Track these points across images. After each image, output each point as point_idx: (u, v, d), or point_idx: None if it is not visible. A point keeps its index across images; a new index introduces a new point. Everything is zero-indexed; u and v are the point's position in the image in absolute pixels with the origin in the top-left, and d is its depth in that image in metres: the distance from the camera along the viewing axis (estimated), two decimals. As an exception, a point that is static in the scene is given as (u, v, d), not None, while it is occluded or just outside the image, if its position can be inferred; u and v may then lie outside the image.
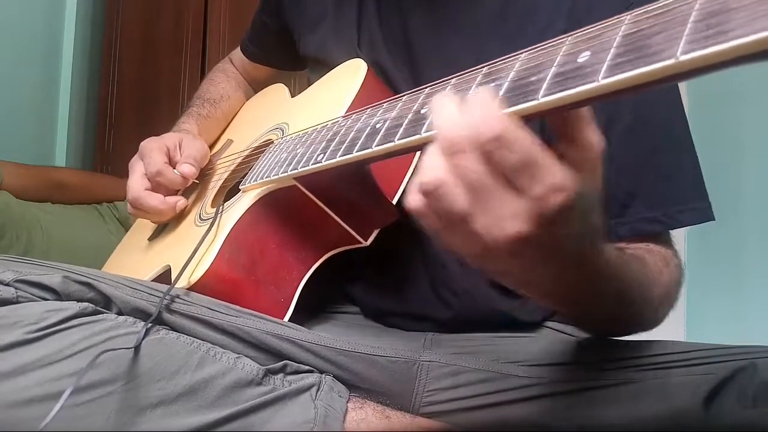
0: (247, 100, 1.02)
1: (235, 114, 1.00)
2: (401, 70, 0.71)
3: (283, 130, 0.75)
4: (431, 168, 0.35)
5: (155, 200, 0.74)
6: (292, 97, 0.87)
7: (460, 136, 0.34)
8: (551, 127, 0.37)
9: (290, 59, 0.91)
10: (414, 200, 0.37)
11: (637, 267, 0.54)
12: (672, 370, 0.53)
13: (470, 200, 0.35)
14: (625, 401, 0.52)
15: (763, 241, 1.92)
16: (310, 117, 0.69)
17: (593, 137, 0.37)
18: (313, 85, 0.79)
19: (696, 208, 0.64)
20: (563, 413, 0.54)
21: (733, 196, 1.91)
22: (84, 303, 0.51)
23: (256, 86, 1.04)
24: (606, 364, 0.56)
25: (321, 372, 0.57)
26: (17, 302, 0.50)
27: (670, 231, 0.66)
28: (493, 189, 0.34)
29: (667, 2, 0.33)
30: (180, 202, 0.76)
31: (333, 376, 0.57)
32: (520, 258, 0.37)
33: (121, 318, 0.52)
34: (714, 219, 0.64)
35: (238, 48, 1.04)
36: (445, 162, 0.35)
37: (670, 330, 0.59)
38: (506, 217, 0.34)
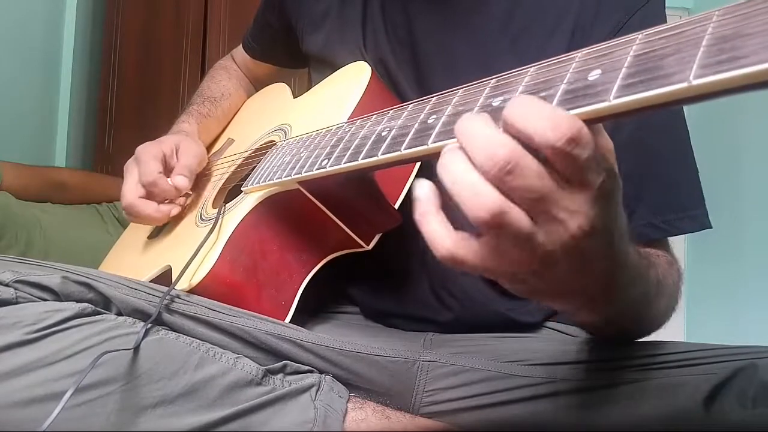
0: (248, 97, 1.02)
1: (236, 112, 1.00)
2: (405, 70, 0.71)
3: (285, 132, 0.75)
4: (483, 198, 0.33)
5: (149, 208, 0.74)
6: (294, 96, 0.87)
7: (507, 151, 0.32)
8: None
9: (292, 57, 0.91)
10: (445, 240, 0.35)
11: (653, 270, 0.54)
12: (672, 370, 0.53)
13: (533, 215, 0.34)
14: (625, 401, 0.52)
15: (762, 243, 1.92)
16: (313, 120, 0.69)
17: (608, 142, 0.37)
18: (316, 86, 0.79)
19: (694, 215, 0.64)
20: (563, 413, 0.54)
21: (733, 199, 1.91)
22: (83, 303, 0.51)
23: (257, 83, 1.04)
24: (606, 363, 0.56)
25: (321, 372, 0.57)
26: (16, 303, 0.50)
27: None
28: (555, 193, 0.33)
29: (679, 23, 0.32)
30: (174, 210, 0.75)
31: (333, 376, 0.57)
32: (578, 259, 0.36)
33: (121, 318, 0.52)
34: (711, 227, 0.64)
35: (241, 45, 1.04)
36: (496, 186, 0.33)
37: (670, 330, 0.59)
38: (567, 217, 0.34)
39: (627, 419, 0.51)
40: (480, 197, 0.33)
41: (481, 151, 0.33)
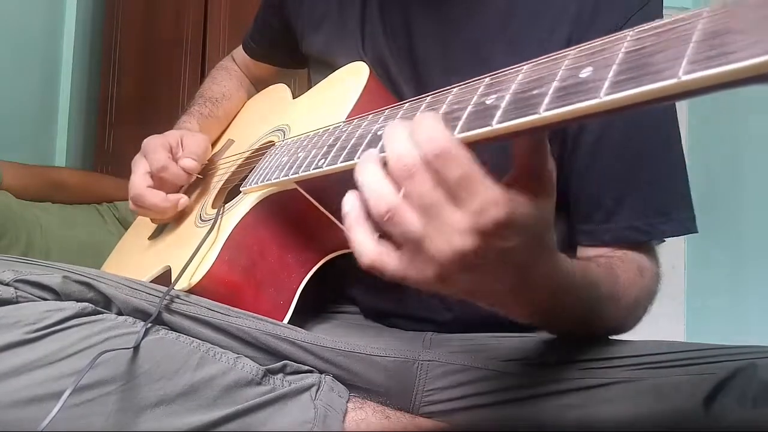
0: (249, 98, 1.02)
1: (237, 113, 1.00)
2: (403, 71, 0.71)
3: (284, 132, 0.75)
4: (382, 196, 0.39)
5: (157, 198, 0.74)
6: (293, 97, 0.87)
7: (412, 160, 0.37)
8: (515, 159, 0.41)
9: (292, 57, 0.91)
10: (369, 249, 0.40)
11: (607, 279, 0.55)
12: (672, 370, 0.53)
13: (423, 220, 0.38)
14: (625, 401, 0.52)
15: (762, 242, 1.92)
16: (311, 120, 0.69)
17: (551, 167, 0.40)
18: (314, 87, 0.79)
19: (678, 219, 0.64)
20: (563, 412, 0.54)
21: (732, 198, 1.91)
22: (84, 303, 0.51)
23: (257, 84, 1.04)
24: (606, 363, 0.56)
25: (321, 372, 0.57)
26: (17, 302, 0.50)
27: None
28: (439, 205, 0.37)
29: (669, 20, 0.33)
30: (182, 200, 0.76)
31: (333, 376, 0.57)
32: (472, 273, 0.39)
33: (121, 318, 0.52)
34: (696, 231, 0.65)
35: (241, 46, 1.04)
36: (395, 187, 0.39)
37: (670, 330, 0.59)
38: (452, 233, 0.37)
39: (627, 419, 0.51)
40: (382, 192, 0.39)
41: (394, 154, 0.39)
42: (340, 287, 0.75)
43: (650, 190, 0.65)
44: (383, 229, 0.40)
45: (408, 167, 0.38)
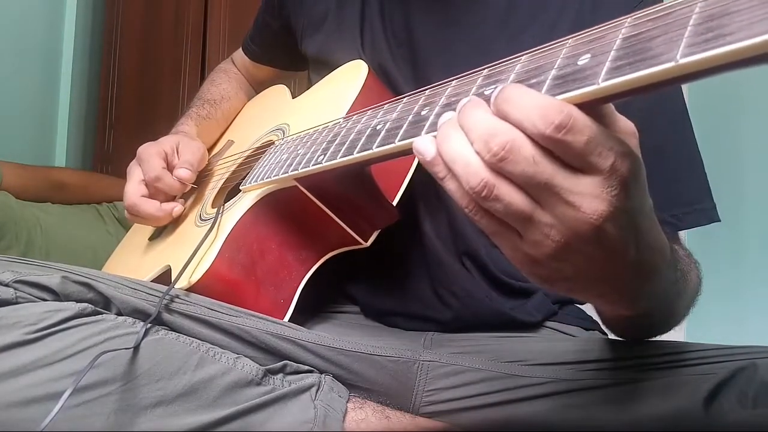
0: (249, 100, 1.02)
1: (236, 115, 1.00)
2: (403, 70, 0.71)
3: (284, 131, 0.75)
4: (473, 169, 0.34)
5: (152, 207, 0.74)
6: (293, 97, 0.87)
7: (507, 138, 0.33)
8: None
9: (292, 59, 0.91)
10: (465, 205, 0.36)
11: (678, 261, 0.53)
12: (672, 370, 0.53)
13: (537, 197, 0.34)
14: (625, 401, 0.52)
15: (764, 243, 1.92)
16: (311, 118, 0.69)
17: (625, 125, 0.37)
18: (314, 86, 0.80)
19: (702, 209, 0.65)
20: (563, 413, 0.54)
21: (734, 197, 1.91)
22: (83, 303, 0.51)
23: (257, 86, 1.04)
24: (606, 363, 0.56)
25: (321, 372, 0.56)
26: (16, 303, 0.50)
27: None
28: (557, 178, 0.33)
29: (667, 5, 0.33)
30: (176, 208, 0.76)
31: (333, 376, 0.57)
32: (599, 245, 0.35)
33: (121, 318, 0.52)
34: (719, 220, 0.65)
35: (241, 48, 1.04)
36: (495, 170, 0.34)
37: (671, 330, 0.59)
38: (578, 200, 0.33)
39: (627, 419, 0.51)
40: (470, 167, 0.34)
41: (479, 138, 0.34)
42: (341, 286, 0.75)
43: (672, 182, 0.64)
44: (480, 206, 0.35)
45: (498, 147, 0.33)
